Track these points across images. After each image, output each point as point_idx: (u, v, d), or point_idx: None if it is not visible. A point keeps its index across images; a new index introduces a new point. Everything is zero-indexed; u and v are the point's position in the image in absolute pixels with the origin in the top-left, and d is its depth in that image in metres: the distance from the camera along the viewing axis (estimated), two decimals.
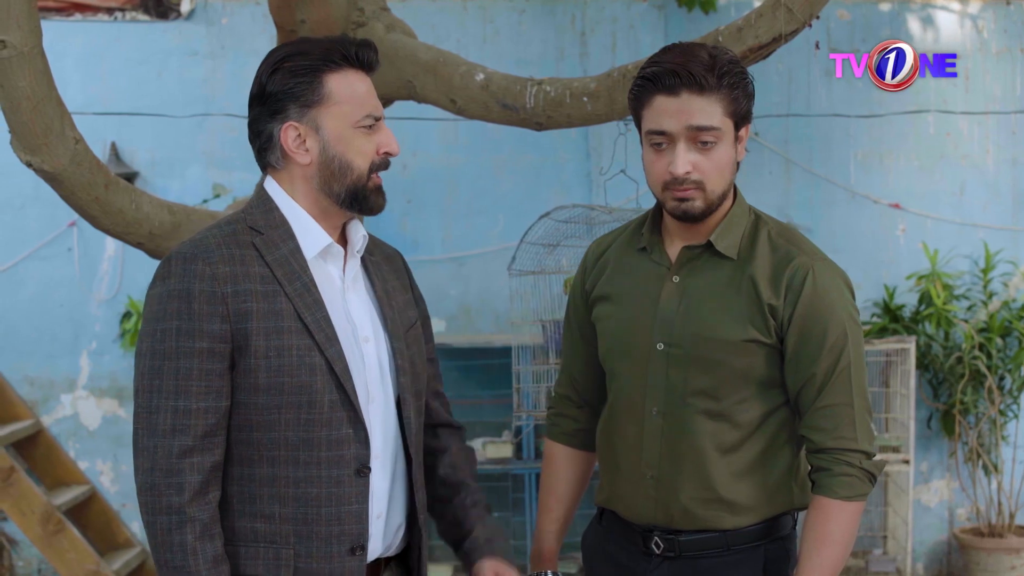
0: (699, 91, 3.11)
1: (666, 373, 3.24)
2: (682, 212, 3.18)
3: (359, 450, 2.97)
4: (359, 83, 3.02)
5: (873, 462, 3.20)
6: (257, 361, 2.90)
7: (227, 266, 2.92)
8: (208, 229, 3.04)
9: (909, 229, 8.40)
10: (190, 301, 2.89)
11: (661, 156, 3.17)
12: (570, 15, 8.34)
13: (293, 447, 2.93)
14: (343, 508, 2.95)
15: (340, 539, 2.95)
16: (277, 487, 2.94)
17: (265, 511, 2.95)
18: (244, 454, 2.95)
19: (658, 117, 3.15)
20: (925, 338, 8.13)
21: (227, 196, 8.13)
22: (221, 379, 2.90)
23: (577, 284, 3.56)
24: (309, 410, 2.92)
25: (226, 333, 2.89)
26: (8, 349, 8.18)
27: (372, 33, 4.84)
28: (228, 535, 2.96)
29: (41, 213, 8.08)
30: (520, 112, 4.71)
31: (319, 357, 2.93)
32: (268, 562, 2.95)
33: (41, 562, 8.15)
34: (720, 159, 3.16)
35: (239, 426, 2.94)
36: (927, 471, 8.43)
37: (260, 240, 2.98)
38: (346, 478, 2.95)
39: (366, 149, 3.01)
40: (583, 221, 5.80)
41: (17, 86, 4.07)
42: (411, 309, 3.25)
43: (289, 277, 2.95)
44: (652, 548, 3.32)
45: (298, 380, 2.91)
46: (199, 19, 8.37)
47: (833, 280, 3.22)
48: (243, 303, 2.90)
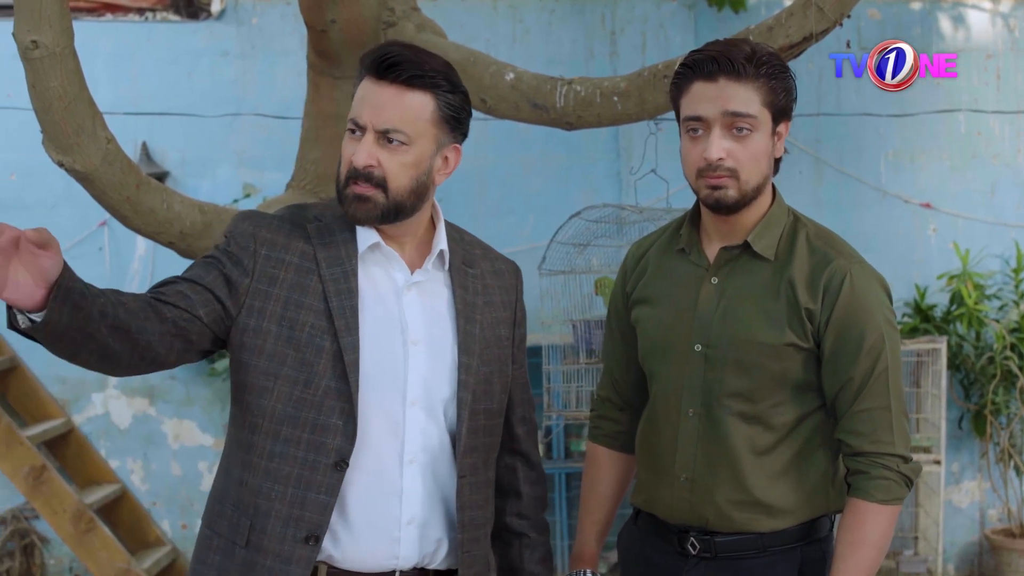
0: (736, 78, 3.12)
1: (703, 375, 3.24)
2: (715, 201, 3.17)
3: (343, 443, 2.96)
4: (367, 90, 3.01)
5: (910, 466, 3.19)
6: (268, 325, 2.96)
7: (270, 233, 3.01)
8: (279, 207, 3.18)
9: (940, 229, 8.37)
10: (228, 242, 3.01)
11: (697, 143, 3.17)
12: (600, 14, 8.33)
13: (278, 420, 2.96)
14: (309, 494, 2.95)
15: (298, 524, 2.95)
16: (251, 455, 2.98)
17: (236, 476, 3.01)
18: (236, 415, 3.04)
19: (695, 103, 3.16)
20: (956, 338, 8.10)
21: (257, 196, 8.13)
22: (209, 276, 2.98)
23: (618, 287, 3.55)
24: (304, 388, 2.95)
25: (242, 282, 2.98)
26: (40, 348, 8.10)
27: (402, 33, 4.85)
28: (214, 486, 3.09)
29: (72, 213, 8.10)
30: (550, 112, 4.71)
31: (331, 342, 2.95)
32: (230, 525, 3.01)
33: (72, 560, 8.18)
34: (755, 148, 3.15)
35: (237, 385, 3.01)
36: (958, 472, 8.40)
37: (315, 226, 3.05)
38: (321, 466, 2.95)
39: (344, 155, 3.03)
40: (613, 221, 5.80)
41: (49, 86, 4.08)
42: (503, 328, 3.24)
43: (330, 260, 3.00)
44: (688, 549, 3.31)
45: (302, 356, 2.95)
46: (229, 19, 8.38)
47: (870, 284, 3.20)
48: (272, 268, 2.98)
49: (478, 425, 3.13)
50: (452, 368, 3.09)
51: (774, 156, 3.23)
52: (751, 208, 3.22)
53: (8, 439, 6.90)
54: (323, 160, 5.03)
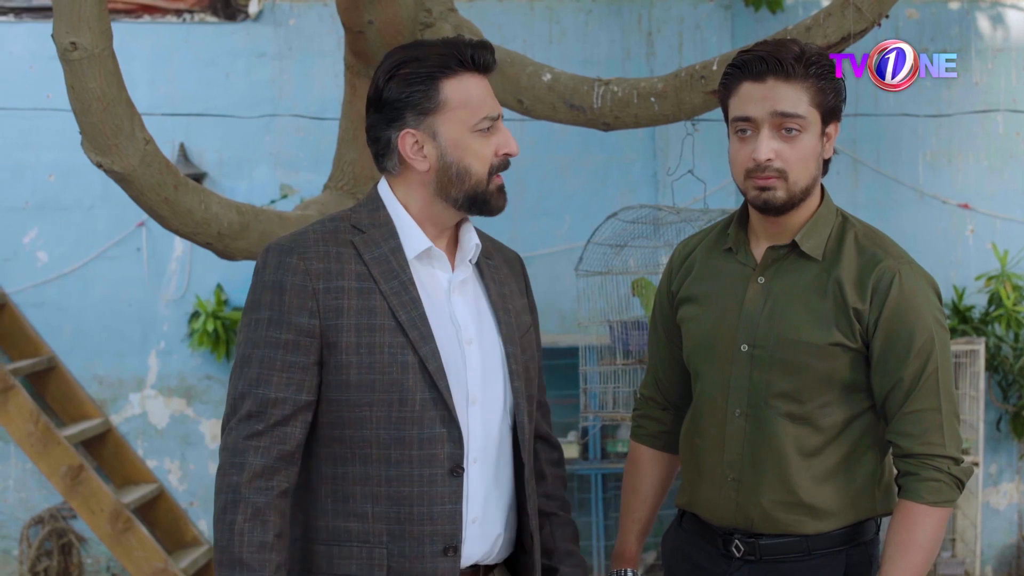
0: (785, 78, 3.11)
1: (749, 375, 3.23)
2: (763, 202, 3.16)
3: (452, 449, 2.96)
4: (475, 86, 3.00)
5: (961, 468, 3.17)
6: (348, 358, 2.93)
7: (321, 263, 2.95)
8: (311, 224, 3.09)
9: (978, 230, 8.33)
10: (282, 293, 2.94)
11: (745, 144, 3.16)
12: (636, 15, 8.32)
13: (385, 445, 2.94)
14: (436, 507, 2.95)
15: (433, 539, 2.95)
16: (370, 486, 2.95)
17: (358, 510, 2.96)
18: (337, 452, 2.98)
19: (743, 103, 3.15)
20: (995, 339, 8.06)
21: (294, 196, 8.16)
22: (304, 372, 2.93)
23: (663, 285, 3.54)
24: (400, 408, 2.93)
25: (314, 328, 2.92)
26: (78, 348, 8.25)
27: (439, 33, 4.84)
28: (322, 535, 2.98)
29: (110, 213, 8.14)
30: (587, 112, 4.70)
31: (412, 355, 2.94)
32: (361, 562, 2.96)
33: (110, 560, 8.21)
34: (804, 149, 3.14)
35: (331, 423, 2.97)
36: (996, 474, 8.36)
37: (360, 239, 3.01)
38: (439, 477, 2.95)
39: (484, 152, 3.00)
40: (650, 222, 5.79)
41: (88, 87, 4.09)
42: (526, 314, 3.25)
43: (386, 275, 2.97)
44: (732, 551, 3.30)
45: (389, 377, 2.93)
46: (267, 20, 8.40)
47: (919, 284, 3.19)
48: (335, 299, 2.93)
49: (531, 412, 3.16)
50: (501, 362, 3.11)
51: (823, 157, 3.22)
52: (799, 209, 3.21)
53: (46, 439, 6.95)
54: (360, 161, 5.03)
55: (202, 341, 8.17)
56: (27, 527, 8.29)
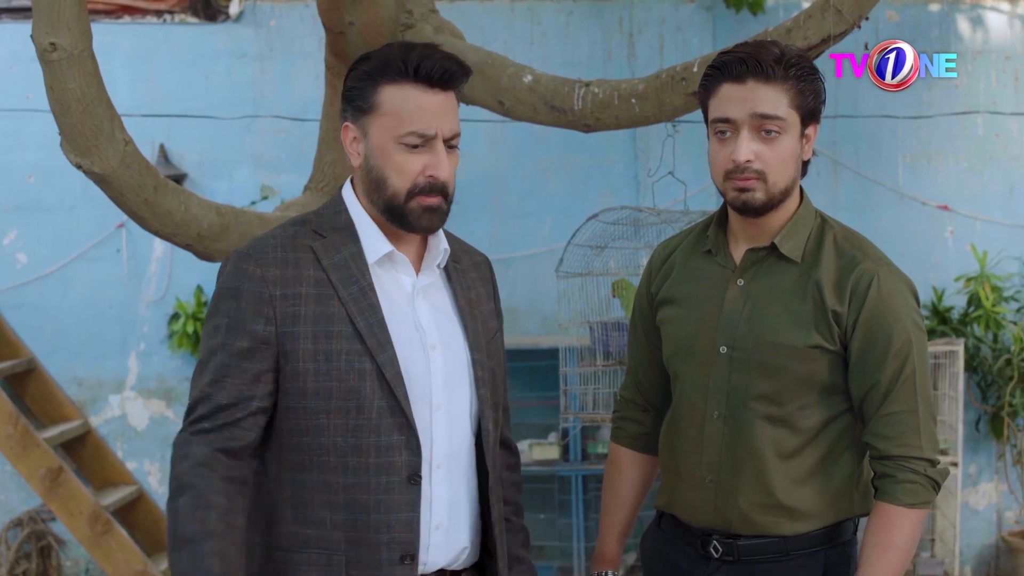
0: (765, 80, 3.11)
1: (728, 377, 3.23)
2: (742, 203, 3.16)
3: (410, 457, 2.95)
4: (416, 99, 2.95)
5: (938, 470, 3.18)
6: (305, 365, 2.91)
7: (278, 269, 2.93)
8: (273, 228, 3.07)
9: (958, 231, 8.36)
10: (238, 300, 2.93)
11: (724, 145, 3.16)
12: (617, 16, 8.33)
13: (342, 453, 2.93)
14: (393, 515, 2.94)
15: (390, 547, 2.94)
16: (328, 493, 2.94)
17: (316, 517, 2.95)
18: (296, 459, 2.96)
19: (723, 105, 3.15)
20: (974, 340, 8.09)
21: (275, 198, 8.15)
22: (257, 379, 2.92)
23: (643, 287, 3.54)
24: (357, 416, 2.92)
25: (270, 335, 2.91)
26: (57, 350, 8.22)
27: (420, 35, 4.84)
28: (282, 541, 2.97)
29: (90, 215, 8.12)
30: (568, 114, 4.70)
31: (369, 363, 2.92)
32: (320, 568, 2.95)
33: (89, 562, 8.20)
34: (783, 151, 3.14)
35: (289, 430, 2.95)
36: (975, 474, 8.38)
37: (320, 244, 2.99)
38: (396, 485, 2.94)
39: (406, 167, 2.96)
40: (631, 223, 5.79)
41: (67, 88, 4.08)
42: (492, 319, 3.25)
43: (345, 281, 2.95)
44: (711, 552, 3.31)
45: (346, 385, 2.91)
46: (247, 21, 8.39)
47: (898, 286, 3.20)
48: (291, 306, 2.91)
49: (497, 419, 3.14)
50: (467, 368, 3.09)
51: (802, 159, 3.23)
52: (778, 210, 3.22)
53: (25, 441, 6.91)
54: (341, 162, 5.03)
55: (182, 343, 8.16)
56: (6, 530, 8.27)
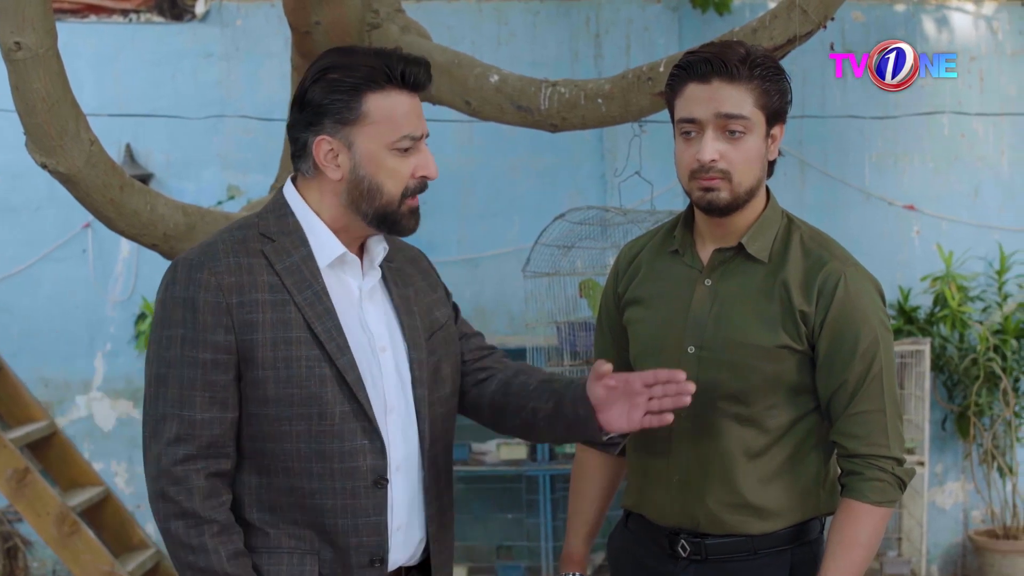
0: (730, 80, 3.11)
1: (696, 377, 3.21)
2: (707, 203, 3.15)
3: (375, 461, 2.93)
4: (401, 104, 2.93)
5: (904, 469, 3.19)
6: (265, 372, 2.87)
7: (233, 276, 2.88)
8: (218, 234, 3.00)
9: (924, 231, 8.39)
10: (195, 311, 2.86)
11: (690, 145, 3.15)
12: (584, 17, 8.34)
13: (306, 458, 2.90)
14: (360, 520, 2.93)
15: (359, 551, 2.93)
16: (295, 497, 2.92)
17: (287, 518, 2.93)
18: (261, 464, 2.93)
19: (688, 105, 3.15)
20: (940, 340, 8.12)
21: (242, 198, 8.14)
22: (226, 390, 2.88)
23: (609, 287, 3.53)
24: (320, 421, 2.89)
25: (231, 344, 2.86)
26: (24, 350, 8.20)
27: (386, 34, 4.84)
28: (252, 544, 2.94)
29: (56, 215, 8.10)
30: (534, 114, 4.70)
31: (329, 368, 2.89)
32: (292, 569, 2.93)
33: (56, 563, 8.17)
34: (748, 151, 3.14)
35: (252, 436, 2.92)
36: (942, 473, 8.42)
37: (271, 248, 2.94)
38: (362, 490, 2.92)
39: (400, 171, 2.94)
40: (598, 223, 5.80)
41: (32, 88, 4.07)
42: (439, 308, 3.21)
43: (299, 286, 2.91)
44: (679, 551, 3.30)
45: (307, 391, 2.88)
46: (213, 21, 8.38)
47: (865, 286, 3.20)
48: (249, 313, 2.87)
49: (436, 415, 3.10)
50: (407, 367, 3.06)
51: (768, 159, 3.23)
52: (745, 210, 3.21)
53: None
54: None
55: None
56: None
